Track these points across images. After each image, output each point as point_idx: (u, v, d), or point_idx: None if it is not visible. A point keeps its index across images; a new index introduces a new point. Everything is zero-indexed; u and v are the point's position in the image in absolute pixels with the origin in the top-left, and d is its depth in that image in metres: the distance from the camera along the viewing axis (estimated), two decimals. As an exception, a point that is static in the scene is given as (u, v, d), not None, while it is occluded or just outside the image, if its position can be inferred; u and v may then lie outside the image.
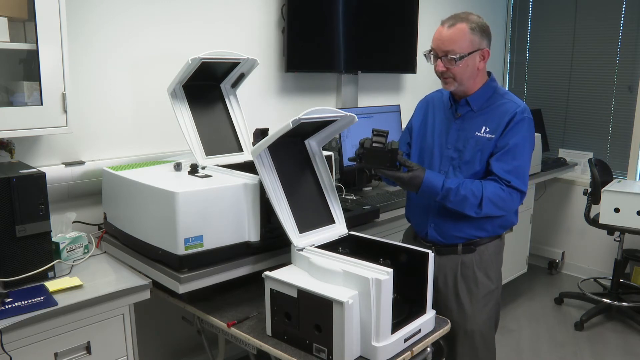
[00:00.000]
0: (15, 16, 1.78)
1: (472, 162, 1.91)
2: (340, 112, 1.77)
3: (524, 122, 1.86)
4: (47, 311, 1.51)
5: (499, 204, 1.84)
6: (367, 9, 3.14)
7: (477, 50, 1.85)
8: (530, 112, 1.91)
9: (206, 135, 2.12)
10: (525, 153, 1.87)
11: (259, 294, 1.79)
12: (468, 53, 1.83)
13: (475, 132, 1.91)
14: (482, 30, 1.85)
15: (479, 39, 1.85)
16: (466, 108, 1.96)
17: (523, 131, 1.86)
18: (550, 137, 4.29)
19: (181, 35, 2.44)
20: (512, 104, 1.90)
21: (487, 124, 1.90)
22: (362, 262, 1.56)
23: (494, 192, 1.82)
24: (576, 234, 4.25)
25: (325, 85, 3.16)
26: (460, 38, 1.82)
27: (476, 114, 1.94)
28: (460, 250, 1.98)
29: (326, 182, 1.90)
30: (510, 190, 1.83)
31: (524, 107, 1.90)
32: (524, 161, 1.86)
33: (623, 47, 3.92)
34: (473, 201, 1.82)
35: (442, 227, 1.99)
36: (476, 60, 1.87)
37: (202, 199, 1.69)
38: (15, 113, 1.76)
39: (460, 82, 1.89)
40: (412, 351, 1.59)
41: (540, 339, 3.30)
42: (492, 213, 1.86)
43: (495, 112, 1.90)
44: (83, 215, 2.14)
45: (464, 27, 1.83)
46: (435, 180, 1.84)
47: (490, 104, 1.93)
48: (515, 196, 1.85)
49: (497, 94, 1.95)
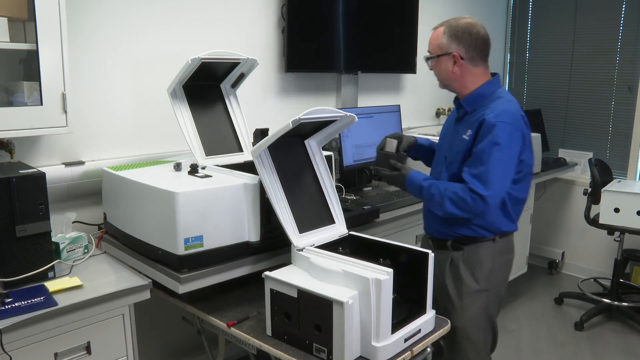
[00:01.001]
0: (15, 16, 1.78)
1: (454, 163, 1.94)
2: (340, 112, 1.77)
3: (495, 127, 1.81)
4: (47, 311, 1.51)
5: (460, 205, 1.84)
6: (367, 9, 3.14)
7: (446, 54, 1.90)
8: (512, 117, 1.85)
9: (206, 135, 2.12)
10: (493, 159, 1.80)
11: (259, 294, 1.79)
12: (436, 56, 1.92)
13: (462, 135, 1.93)
14: (454, 34, 1.88)
15: (448, 42, 1.89)
16: (461, 110, 1.99)
17: (491, 136, 1.81)
18: (550, 137, 4.29)
19: (181, 35, 2.44)
20: (489, 109, 1.86)
21: (470, 128, 1.90)
22: (362, 262, 1.56)
23: (454, 193, 1.84)
24: (576, 234, 4.25)
25: (325, 85, 3.16)
26: (433, 41, 1.94)
27: (468, 117, 1.95)
28: (450, 247, 2.02)
29: (326, 182, 1.90)
30: (471, 193, 1.81)
31: (500, 111, 1.84)
32: (490, 166, 1.80)
33: (623, 47, 3.92)
34: (438, 200, 1.88)
35: (429, 221, 2.10)
36: (448, 64, 1.91)
37: (202, 199, 1.69)
38: (15, 113, 1.76)
39: (443, 82, 2.00)
40: (412, 351, 1.59)
41: (540, 339, 3.30)
42: (455, 212, 1.86)
43: (476, 116, 1.89)
44: (83, 215, 2.14)
45: (439, 30, 1.92)
46: (416, 180, 1.95)
47: (477, 107, 1.92)
48: (477, 200, 1.81)
49: (489, 97, 1.92)
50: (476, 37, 1.89)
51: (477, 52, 1.90)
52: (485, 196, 1.80)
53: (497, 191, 1.82)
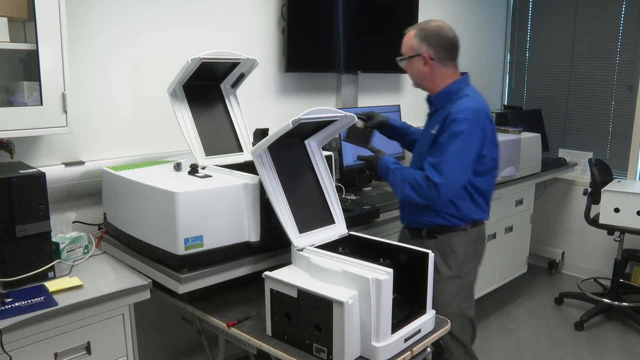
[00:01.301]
0: (15, 16, 1.78)
1: (423, 155, 2.06)
2: (340, 112, 1.77)
3: (456, 122, 1.94)
4: (47, 311, 1.51)
5: (416, 190, 1.97)
6: (367, 9, 3.14)
7: (417, 56, 2.04)
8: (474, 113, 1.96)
9: (206, 135, 2.12)
10: (451, 151, 1.93)
11: (259, 294, 1.79)
12: (408, 57, 2.07)
13: (430, 130, 2.06)
14: (424, 37, 2.02)
15: (419, 44, 2.03)
16: (433, 107, 2.14)
17: (451, 130, 1.94)
18: (550, 137, 4.29)
19: (181, 35, 2.44)
20: (455, 106, 1.99)
21: (437, 123, 2.03)
22: (362, 262, 1.56)
23: (413, 178, 1.98)
24: (576, 234, 4.25)
25: (325, 85, 3.16)
26: (405, 43, 2.09)
27: (437, 113, 2.09)
28: (425, 235, 2.13)
29: (326, 182, 1.90)
30: (426, 180, 1.95)
31: (462, 108, 1.96)
32: (446, 157, 1.93)
33: (623, 47, 3.92)
34: (399, 182, 2.02)
35: (405, 212, 2.21)
36: (419, 64, 2.05)
37: (202, 199, 1.69)
38: (15, 113, 1.76)
39: (416, 82, 2.13)
40: (412, 351, 1.59)
41: (540, 339, 3.30)
42: (412, 196, 1.99)
43: (443, 113, 2.02)
44: (83, 215, 2.14)
45: (411, 33, 2.06)
46: (386, 162, 2.10)
47: (445, 104, 2.05)
48: (431, 187, 1.93)
49: (456, 95, 2.04)
50: (444, 39, 2.03)
51: (445, 53, 2.04)
52: (438, 184, 1.92)
53: (450, 180, 1.94)
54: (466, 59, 4.17)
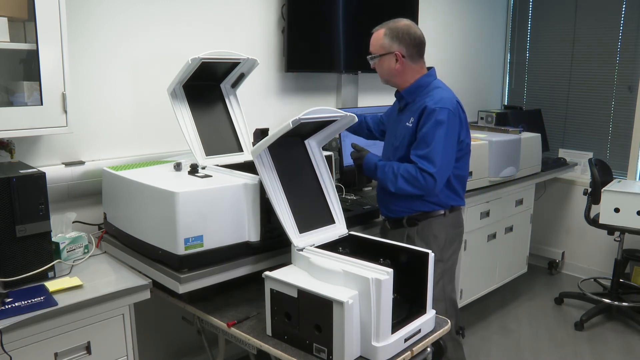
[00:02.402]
0: (15, 16, 1.78)
1: (400, 147, 2.15)
2: (340, 112, 1.77)
3: (435, 113, 2.03)
4: (47, 311, 1.51)
5: (411, 181, 2.04)
6: (367, 9, 3.14)
7: (389, 54, 2.11)
8: (451, 103, 2.07)
9: (206, 135, 2.12)
10: (436, 140, 2.02)
11: (259, 294, 1.79)
12: (378, 55, 2.13)
13: (405, 123, 2.14)
14: (394, 35, 2.10)
15: (390, 43, 2.10)
16: (403, 101, 2.20)
17: (433, 120, 2.02)
18: (550, 137, 4.29)
19: (181, 35, 2.44)
20: (430, 98, 2.08)
21: (413, 115, 2.11)
22: (362, 262, 1.56)
23: (405, 170, 2.05)
24: (576, 234, 4.25)
25: (325, 85, 3.16)
26: (374, 42, 2.15)
27: (409, 106, 2.17)
28: (406, 223, 2.21)
29: (326, 182, 1.90)
30: (421, 172, 2.02)
31: (439, 99, 2.06)
32: (434, 147, 2.02)
33: (623, 47, 3.92)
34: (391, 177, 2.07)
35: (384, 202, 2.26)
36: (390, 62, 2.12)
37: (202, 199, 1.69)
38: (15, 113, 1.76)
39: (385, 79, 2.20)
40: (412, 351, 1.59)
41: (540, 339, 3.30)
42: (407, 189, 2.06)
43: (417, 105, 2.11)
44: (83, 215, 2.14)
45: (381, 32, 2.13)
46: (372, 160, 2.16)
47: (417, 97, 2.14)
48: (427, 177, 2.01)
49: (427, 88, 2.14)
50: (414, 37, 2.11)
51: (415, 50, 2.13)
52: (433, 173, 2.01)
53: (442, 168, 2.04)
54: (466, 59, 4.21)
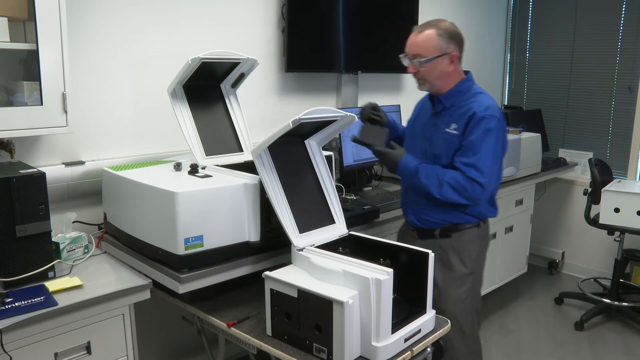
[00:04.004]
0: (15, 16, 1.78)
1: (440, 156, 2.05)
2: (340, 112, 1.77)
3: (485, 120, 1.97)
4: (47, 311, 1.51)
5: (458, 190, 1.97)
6: (367, 9, 3.14)
7: (444, 55, 2.00)
8: (498, 111, 2.01)
9: (206, 135, 2.12)
10: (484, 149, 1.96)
11: (259, 294, 1.79)
12: (434, 57, 2.00)
13: (445, 129, 2.05)
14: (449, 36, 2.00)
15: (446, 44, 2.00)
16: (440, 105, 2.11)
17: (482, 128, 1.96)
18: (550, 137, 4.29)
19: (181, 35, 2.44)
20: (476, 103, 2.01)
21: (455, 121, 2.03)
22: (362, 262, 1.56)
23: (453, 178, 1.97)
24: (576, 234, 4.25)
25: (325, 85, 3.16)
26: (427, 44, 2.00)
27: (448, 112, 2.08)
28: (438, 235, 2.13)
29: (326, 182, 1.90)
30: (470, 180, 1.95)
31: (488, 106, 2.00)
32: (483, 155, 1.96)
33: (623, 47, 3.92)
34: (436, 183, 1.98)
35: (417, 212, 2.17)
36: (445, 64, 2.02)
37: (202, 199, 1.69)
38: (15, 113, 1.76)
39: (430, 83, 2.06)
40: (412, 351, 1.59)
41: (540, 339, 3.30)
42: (452, 197, 1.98)
43: (461, 111, 2.03)
44: (83, 215, 2.14)
45: (432, 32, 2.00)
46: (411, 162, 2.04)
47: (459, 102, 2.06)
48: (476, 186, 1.95)
49: (469, 93, 2.06)
50: (461, 38, 2.06)
51: (462, 52, 2.07)
52: (483, 183, 1.95)
53: (491, 178, 1.99)
54: (466, 58, 4.17)
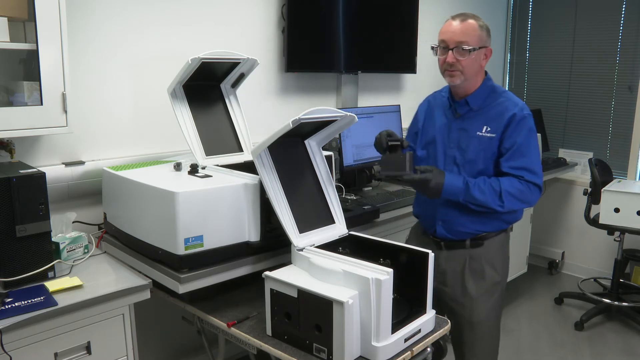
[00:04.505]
0: (15, 16, 1.78)
1: (476, 161, 1.96)
2: (340, 112, 1.77)
3: (526, 120, 1.93)
4: (47, 311, 1.51)
5: (518, 197, 1.90)
6: (367, 9, 3.14)
7: (484, 47, 1.94)
8: (529, 109, 1.97)
9: (206, 135, 2.12)
10: (532, 149, 1.93)
11: (259, 294, 1.79)
12: (479, 47, 1.90)
13: (477, 132, 1.97)
14: (487, 29, 1.95)
15: (486, 37, 1.94)
16: (465, 107, 2.00)
17: (526, 129, 1.92)
18: (550, 137, 4.29)
19: (181, 35, 2.44)
20: (510, 103, 1.96)
21: (488, 124, 1.96)
22: (362, 262, 1.56)
23: (511, 185, 1.90)
24: (576, 234, 4.25)
25: (325, 85, 3.16)
26: (472, 32, 1.89)
27: (476, 113, 1.99)
28: (469, 245, 2.04)
29: (326, 182, 1.90)
30: (527, 184, 1.91)
31: (522, 104, 1.96)
32: (533, 157, 1.92)
33: (623, 47, 3.92)
34: (493, 195, 1.89)
35: (449, 223, 2.04)
36: (481, 57, 1.94)
37: (202, 199, 1.69)
38: (15, 113, 1.76)
39: (467, 76, 1.93)
40: (412, 351, 1.59)
41: (540, 339, 3.30)
42: (515, 206, 1.93)
43: (495, 111, 1.96)
44: (83, 215, 2.14)
45: (475, 23, 1.91)
46: (456, 180, 1.91)
47: (488, 103, 1.99)
48: (534, 189, 1.92)
49: (495, 93, 2.00)
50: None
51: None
52: (539, 184, 1.92)
53: (542, 178, 1.95)
54: (466, 59, 4.20)
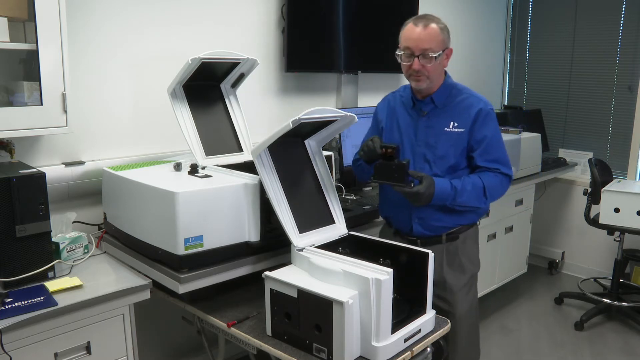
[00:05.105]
0: (15, 16, 1.78)
1: (446, 156, 2.00)
2: (340, 112, 1.77)
3: (491, 114, 2.01)
4: (47, 311, 1.51)
5: (499, 190, 2.00)
6: (367, 9, 3.14)
7: (445, 49, 1.98)
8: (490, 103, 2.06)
9: (206, 135, 2.12)
10: (501, 142, 2.02)
11: (259, 294, 1.79)
12: (442, 51, 1.95)
13: (444, 128, 2.01)
14: (447, 31, 1.99)
15: (447, 39, 1.98)
16: (430, 105, 2.04)
17: (493, 122, 2.00)
18: (550, 137, 4.29)
19: (181, 35, 2.44)
20: (474, 99, 2.02)
21: (454, 119, 2.00)
22: (362, 262, 1.56)
23: (490, 181, 1.97)
24: (576, 234, 4.25)
25: (325, 85, 3.16)
26: (436, 38, 1.93)
27: (441, 111, 2.04)
28: (445, 240, 2.08)
29: (326, 182, 1.90)
30: (503, 176, 1.99)
31: (485, 100, 2.04)
32: (501, 149, 2.01)
33: (623, 47, 3.92)
34: (477, 194, 1.96)
35: (426, 220, 2.05)
36: (444, 59, 1.99)
37: (202, 199, 1.69)
38: (15, 113, 1.76)
39: (432, 79, 1.98)
40: (412, 351, 1.59)
41: (540, 339, 3.30)
42: (494, 199, 2.01)
43: (460, 107, 2.01)
44: (83, 215, 2.14)
45: (437, 28, 1.94)
46: (445, 183, 1.93)
47: (451, 100, 2.04)
48: (506, 181, 2.01)
49: (456, 89, 2.06)
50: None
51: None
52: (511, 175, 2.00)
53: (512, 169, 2.02)
54: (466, 59, 4.20)
